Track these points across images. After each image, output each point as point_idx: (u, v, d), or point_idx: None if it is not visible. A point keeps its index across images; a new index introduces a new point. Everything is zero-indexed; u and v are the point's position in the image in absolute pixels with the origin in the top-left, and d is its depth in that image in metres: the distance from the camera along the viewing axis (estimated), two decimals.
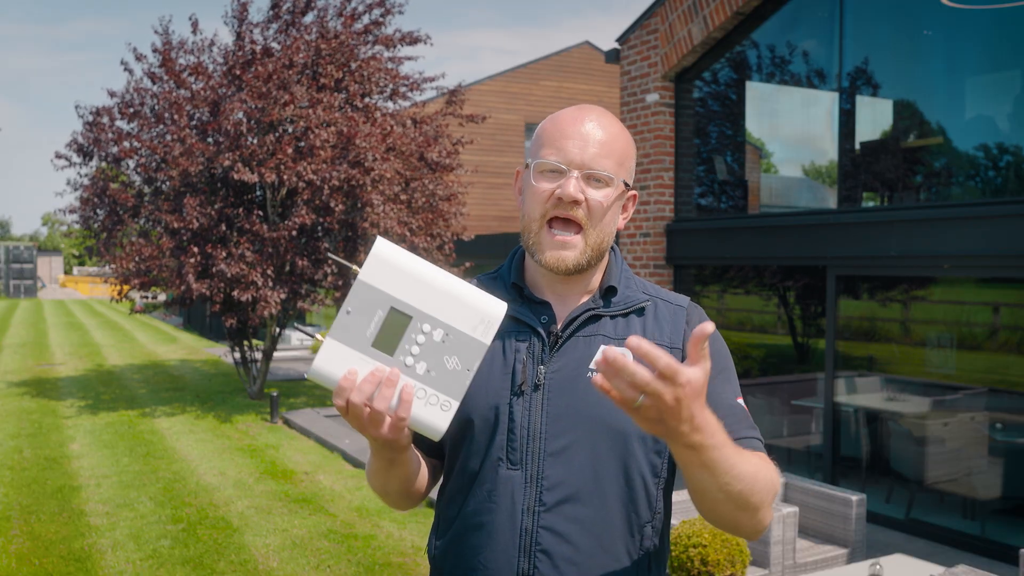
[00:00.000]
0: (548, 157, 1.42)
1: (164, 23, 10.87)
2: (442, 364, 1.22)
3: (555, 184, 1.41)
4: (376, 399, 1.21)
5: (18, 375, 14.20)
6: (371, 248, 1.22)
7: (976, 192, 6.20)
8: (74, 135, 11.09)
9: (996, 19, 5.90)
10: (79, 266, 70.17)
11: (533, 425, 1.40)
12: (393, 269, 1.21)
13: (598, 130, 1.43)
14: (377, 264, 1.21)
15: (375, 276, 1.21)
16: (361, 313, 1.21)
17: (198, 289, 9.62)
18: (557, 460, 1.39)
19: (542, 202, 1.42)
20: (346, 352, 1.21)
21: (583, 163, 1.40)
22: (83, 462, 8.00)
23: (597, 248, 1.44)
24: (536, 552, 1.38)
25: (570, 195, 1.39)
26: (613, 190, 1.43)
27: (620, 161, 1.44)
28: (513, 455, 1.41)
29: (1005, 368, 5.89)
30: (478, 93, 17.22)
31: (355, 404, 1.21)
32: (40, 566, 5.29)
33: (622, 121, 8.54)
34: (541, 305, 1.48)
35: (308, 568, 5.29)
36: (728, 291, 8.31)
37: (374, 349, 1.21)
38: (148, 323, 26.63)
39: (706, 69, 8.17)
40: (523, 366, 1.43)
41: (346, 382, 1.21)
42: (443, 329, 1.21)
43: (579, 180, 1.40)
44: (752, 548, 4.45)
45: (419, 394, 1.22)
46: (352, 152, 9.70)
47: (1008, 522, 5.78)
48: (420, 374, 1.22)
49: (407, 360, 1.22)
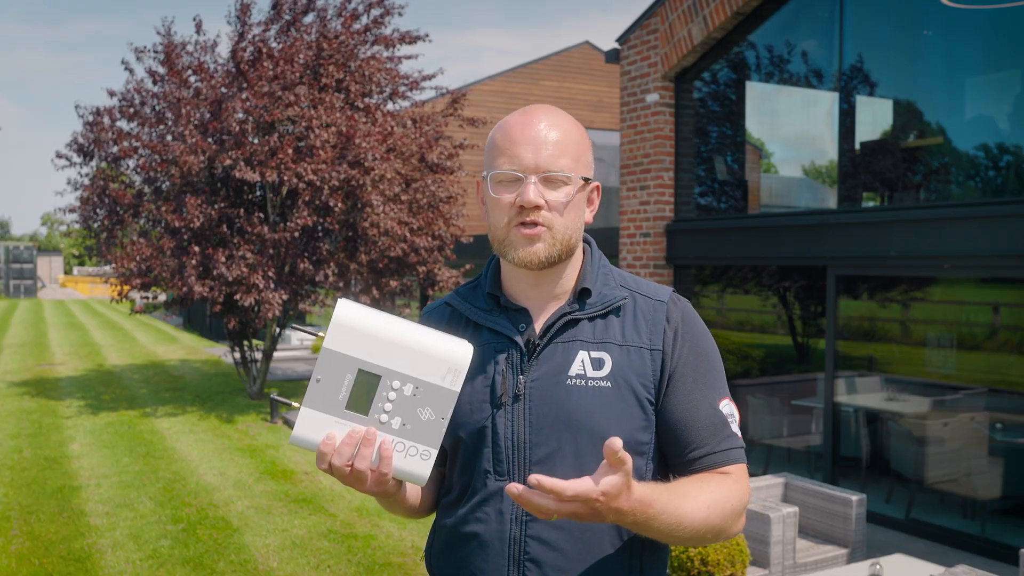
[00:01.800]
0: (502, 167, 1.42)
1: (167, 24, 10.90)
2: (416, 416, 1.26)
3: (514, 192, 1.41)
4: (356, 459, 1.25)
5: (18, 375, 14.20)
6: (333, 313, 1.25)
7: (976, 192, 6.19)
8: (75, 135, 11.11)
9: (996, 19, 5.90)
10: (79, 266, 70.17)
11: (517, 436, 1.42)
12: (357, 332, 1.24)
13: (550, 130, 1.42)
14: (340, 330, 1.24)
15: (339, 342, 1.24)
16: (331, 379, 1.24)
17: (200, 292, 9.62)
18: (542, 468, 1.39)
19: (505, 211, 1.42)
20: (322, 418, 1.25)
21: (538, 166, 1.40)
22: (83, 462, 8.00)
23: (566, 243, 1.43)
24: (525, 562, 1.39)
25: (531, 201, 1.39)
26: (573, 187, 1.43)
27: (576, 157, 1.44)
28: (500, 466, 1.42)
29: (1005, 368, 5.89)
30: (478, 93, 17.22)
31: (337, 467, 1.25)
32: (40, 566, 5.29)
33: (622, 121, 8.55)
34: (518, 312, 1.49)
35: (308, 568, 5.29)
36: (728, 291, 8.31)
37: (348, 411, 1.25)
38: (148, 323, 26.62)
39: (706, 69, 8.17)
40: (502, 377, 1.44)
41: (325, 447, 1.25)
42: (412, 383, 1.25)
43: (537, 184, 1.40)
44: (752, 548, 4.45)
45: (398, 448, 1.26)
46: (352, 152, 9.71)
47: (1008, 522, 5.78)
48: (396, 429, 1.26)
49: (381, 417, 1.25)
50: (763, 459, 7.54)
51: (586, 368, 1.42)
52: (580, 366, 1.42)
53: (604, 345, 1.43)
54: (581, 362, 1.42)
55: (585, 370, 1.42)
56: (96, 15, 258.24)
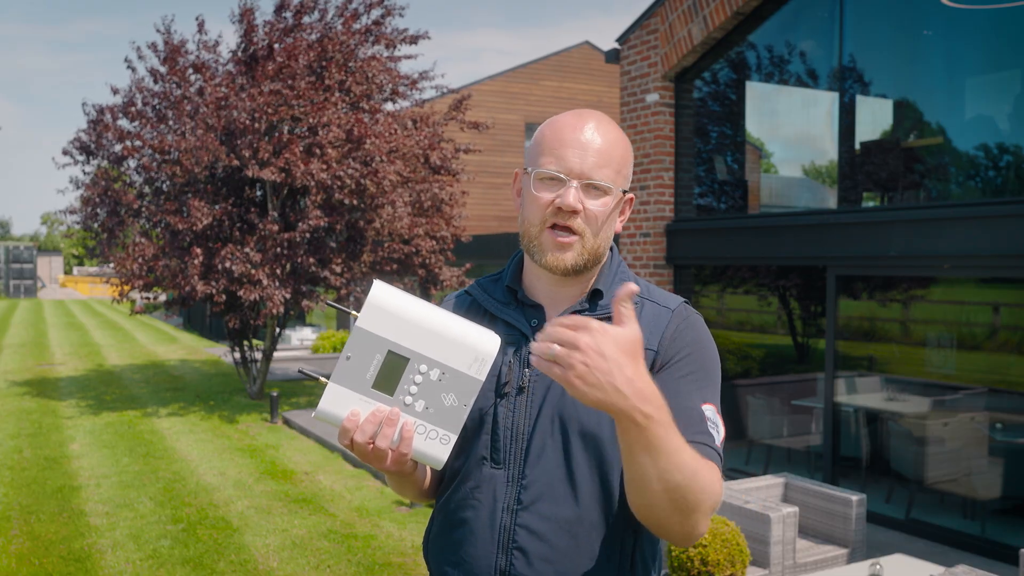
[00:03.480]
0: (547, 166, 1.43)
1: (167, 22, 10.89)
2: (440, 401, 1.29)
3: (555, 193, 1.42)
4: (379, 437, 1.28)
5: (18, 375, 14.21)
6: (368, 293, 1.28)
7: (976, 192, 6.20)
8: (78, 133, 11.13)
9: (996, 19, 5.90)
10: (79, 266, 70.18)
11: (517, 426, 1.45)
12: (389, 314, 1.27)
13: (597, 138, 1.43)
14: (374, 310, 1.27)
15: (372, 322, 1.27)
16: (360, 357, 1.27)
17: (203, 290, 9.63)
18: (536, 460, 1.43)
19: (542, 209, 1.44)
20: (348, 394, 1.28)
21: (582, 173, 1.41)
22: (83, 462, 8.00)
23: (594, 252, 1.46)
24: (512, 549, 1.42)
25: (570, 205, 1.40)
26: (611, 198, 1.44)
27: (618, 168, 1.45)
28: (496, 455, 1.46)
29: (1005, 368, 5.89)
30: (478, 93, 17.21)
31: (359, 443, 1.28)
32: (40, 566, 5.30)
33: (622, 121, 8.55)
34: (534, 308, 1.52)
35: (308, 568, 5.29)
36: (728, 291, 8.31)
37: (374, 390, 1.28)
38: (148, 323, 26.63)
39: (706, 69, 8.17)
40: (508, 368, 1.47)
41: (349, 423, 1.28)
42: (439, 368, 1.28)
43: (578, 190, 1.41)
44: (752, 548, 4.45)
45: (419, 430, 1.29)
46: (361, 150, 9.73)
47: (1008, 522, 5.78)
48: (419, 411, 1.29)
49: (406, 399, 1.28)
50: (763, 459, 7.54)
51: None
52: None
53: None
54: None
55: None
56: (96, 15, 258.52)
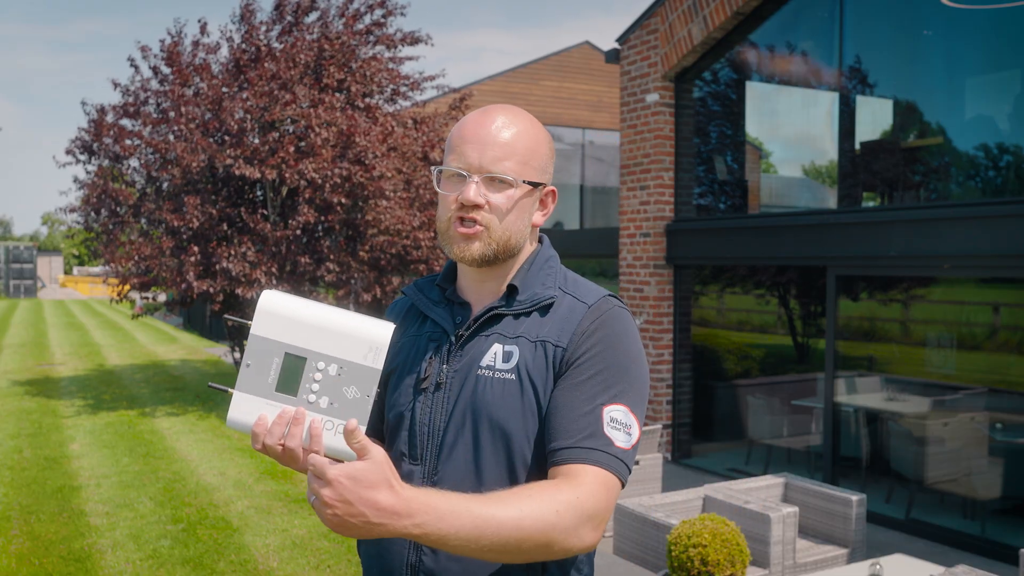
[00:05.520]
0: (451, 163, 1.46)
1: (179, 25, 10.97)
2: (342, 395, 1.31)
3: (459, 190, 1.45)
4: (288, 438, 1.28)
5: (18, 375, 14.21)
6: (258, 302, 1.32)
7: (976, 192, 6.20)
8: (79, 132, 11.14)
9: (996, 19, 5.90)
10: (79, 266, 70.21)
11: (433, 422, 1.48)
12: (281, 318, 1.30)
13: (501, 131, 1.45)
14: (266, 316, 1.30)
15: (266, 328, 1.30)
16: (260, 363, 1.30)
17: (199, 287, 9.63)
18: (448, 455, 1.45)
19: (448, 207, 1.47)
20: (254, 400, 1.31)
21: (481, 167, 1.44)
22: (83, 462, 8.00)
23: (504, 243, 1.47)
24: (422, 545, 1.42)
25: (470, 200, 1.43)
26: (516, 190, 1.46)
27: (524, 160, 1.46)
28: (413, 451, 1.49)
29: (1005, 368, 5.89)
30: (479, 93, 17.21)
31: (269, 446, 1.29)
32: (40, 566, 5.30)
33: (622, 121, 8.55)
34: (461, 306, 1.55)
35: (308, 568, 5.30)
36: (728, 291, 8.31)
37: (279, 393, 1.31)
38: (148, 323, 26.63)
39: (706, 69, 8.17)
40: (428, 365, 1.50)
41: (258, 428, 1.29)
42: (337, 363, 1.30)
43: (480, 184, 1.44)
44: (752, 548, 4.44)
45: (327, 426, 1.31)
46: (352, 150, 9.73)
47: (1008, 522, 5.78)
48: (324, 408, 1.31)
49: (309, 397, 1.31)
50: (763, 459, 7.54)
51: (496, 360, 1.46)
52: (492, 358, 1.46)
53: (517, 340, 1.47)
54: (494, 354, 1.46)
55: (495, 362, 1.46)
56: (96, 15, 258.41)
